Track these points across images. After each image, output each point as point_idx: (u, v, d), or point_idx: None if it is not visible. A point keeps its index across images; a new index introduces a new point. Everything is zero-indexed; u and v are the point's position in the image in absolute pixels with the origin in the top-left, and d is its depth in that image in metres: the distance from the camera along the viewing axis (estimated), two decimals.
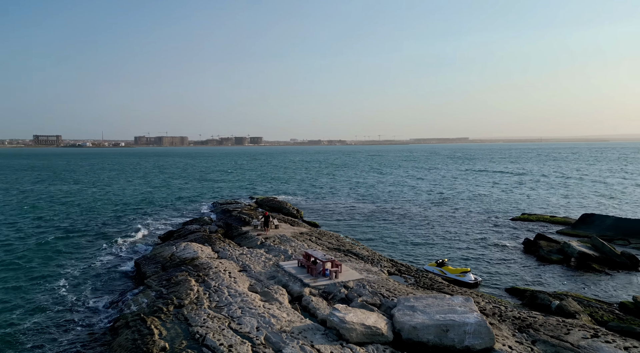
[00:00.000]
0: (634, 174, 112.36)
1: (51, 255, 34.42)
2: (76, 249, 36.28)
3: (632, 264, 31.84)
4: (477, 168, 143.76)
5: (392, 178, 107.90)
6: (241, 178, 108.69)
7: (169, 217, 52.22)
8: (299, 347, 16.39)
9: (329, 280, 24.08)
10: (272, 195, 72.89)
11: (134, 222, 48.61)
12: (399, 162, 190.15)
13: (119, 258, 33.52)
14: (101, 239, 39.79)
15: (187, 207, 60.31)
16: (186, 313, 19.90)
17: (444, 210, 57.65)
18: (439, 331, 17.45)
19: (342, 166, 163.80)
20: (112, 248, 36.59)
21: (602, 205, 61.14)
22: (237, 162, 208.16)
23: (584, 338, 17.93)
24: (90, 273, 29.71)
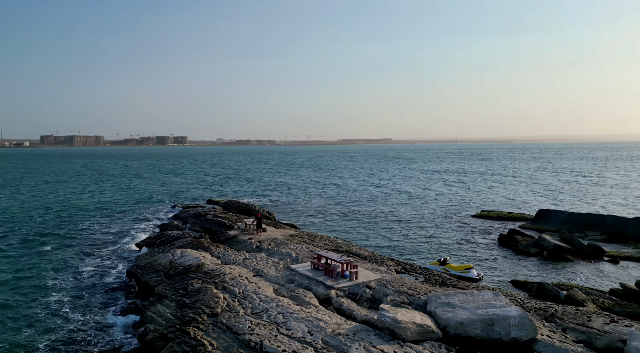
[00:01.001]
0: (559, 171, 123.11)
1: (22, 269, 31.37)
2: (48, 262, 33.31)
3: (599, 254, 35.19)
4: (420, 168, 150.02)
5: (347, 178, 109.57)
6: (190, 181, 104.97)
7: (133, 222, 49.42)
8: (363, 349, 16.49)
9: (350, 282, 24.27)
10: (230, 197, 71.29)
11: (95, 229, 45.45)
12: (343, 163, 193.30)
13: (99, 269, 31.29)
14: (67, 249, 36.81)
15: (147, 211, 57.36)
16: (225, 321, 19.19)
17: (410, 209, 59.76)
18: (485, 325, 18.30)
19: (289, 166, 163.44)
20: (86, 259, 34.06)
21: (544, 200, 66.50)
22: (179, 163, 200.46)
23: (605, 324, 19.68)
24: (80, 286, 27.52)
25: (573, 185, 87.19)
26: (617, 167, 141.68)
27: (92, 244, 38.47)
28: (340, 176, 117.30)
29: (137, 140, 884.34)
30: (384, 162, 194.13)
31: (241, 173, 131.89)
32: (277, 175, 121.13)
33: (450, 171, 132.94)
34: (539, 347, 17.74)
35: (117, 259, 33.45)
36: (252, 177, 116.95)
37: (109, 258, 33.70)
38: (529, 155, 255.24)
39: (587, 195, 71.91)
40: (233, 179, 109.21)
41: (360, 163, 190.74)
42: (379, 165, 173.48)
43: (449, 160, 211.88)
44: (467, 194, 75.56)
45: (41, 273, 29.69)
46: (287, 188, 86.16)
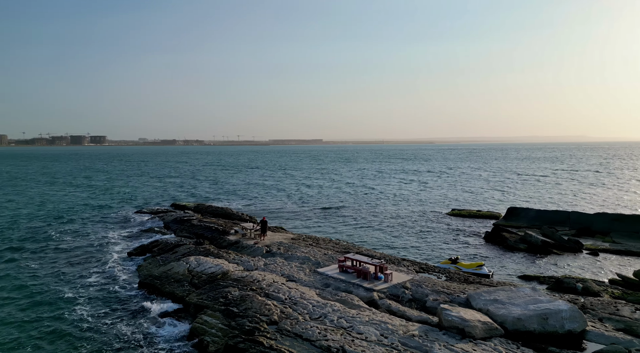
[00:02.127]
0: (498, 171, 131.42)
1: (13, 288, 28.49)
2: (37, 278, 30.46)
3: (578, 247, 38.23)
4: (369, 168, 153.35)
5: (305, 179, 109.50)
6: (137, 184, 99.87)
7: (107, 229, 46.29)
8: (445, 348, 16.90)
9: (386, 283, 24.60)
10: (193, 201, 68.96)
11: (68, 239, 42.06)
12: (295, 163, 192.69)
13: (102, 280, 29.03)
14: (50, 263, 33.77)
15: (115, 218, 53.91)
16: (289, 328, 18.80)
17: (384, 209, 61.08)
18: (540, 320, 19.40)
19: (240, 167, 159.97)
20: (80, 271, 31.47)
21: (501, 198, 70.84)
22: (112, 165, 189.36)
23: (632, 313, 21.60)
24: (95, 299, 25.50)
25: (520, 183, 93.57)
26: (542, 166, 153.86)
27: (76, 255, 35.53)
28: (297, 177, 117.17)
29: (48, 140, 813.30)
30: (331, 163, 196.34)
31: (188, 174, 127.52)
32: (229, 177, 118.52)
33: (400, 171, 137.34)
34: (591, 336, 19.15)
35: (115, 269, 31.20)
36: (205, 178, 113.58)
37: (104, 270, 31.31)
38: (460, 156, 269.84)
39: (537, 192, 77.54)
40: (185, 182, 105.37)
41: (306, 163, 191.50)
42: (326, 166, 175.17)
43: (387, 160, 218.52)
44: (430, 193, 78.56)
45: (43, 290, 27.07)
46: (251, 191, 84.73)
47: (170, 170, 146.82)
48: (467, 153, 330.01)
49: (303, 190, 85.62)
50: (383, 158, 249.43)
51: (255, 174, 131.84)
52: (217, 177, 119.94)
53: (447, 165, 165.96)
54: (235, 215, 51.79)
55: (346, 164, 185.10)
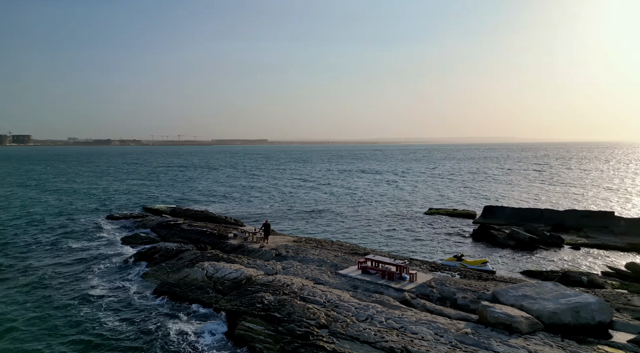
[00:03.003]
0: (456, 169, 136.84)
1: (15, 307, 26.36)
2: (35, 293, 28.38)
3: (560, 242, 40.82)
4: (329, 168, 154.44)
5: (278, 179, 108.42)
6: (86, 188, 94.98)
7: (84, 237, 43.78)
8: (502, 344, 17.61)
9: (412, 283, 25.13)
10: (164, 204, 66.71)
11: (48, 248, 39.52)
12: (253, 163, 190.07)
13: (109, 292, 27.50)
14: (45, 278, 31.58)
15: (86, 224, 50.97)
16: (342, 331, 18.84)
17: (364, 208, 61.96)
18: (573, 313, 20.62)
19: (198, 168, 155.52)
20: (79, 282, 29.70)
21: (471, 196, 73.96)
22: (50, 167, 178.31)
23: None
24: (117, 308, 24.20)
25: (478, 182, 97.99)
26: (489, 166, 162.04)
27: (64, 264, 33.38)
28: (264, 177, 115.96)
29: None
30: (288, 163, 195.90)
31: (144, 176, 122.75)
32: (192, 178, 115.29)
33: (360, 171, 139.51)
34: (618, 326, 20.60)
35: (119, 279, 29.60)
36: (165, 180, 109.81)
37: (110, 280, 29.46)
38: (409, 156, 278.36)
39: (500, 190, 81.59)
40: (145, 184, 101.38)
41: (262, 163, 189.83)
42: (284, 166, 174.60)
43: (342, 161, 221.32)
44: (402, 193, 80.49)
45: (57, 308, 25.20)
46: (222, 192, 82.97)
47: (121, 173, 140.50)
48: (415, 153, 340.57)
49: (278, 191, 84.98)
50: (337, 158, 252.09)
51: (218, 174, 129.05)
52: (177, 178, 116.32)
53: (403, 166, 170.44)
54: (219, 218, 50.62)
55: (304, 164, 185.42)
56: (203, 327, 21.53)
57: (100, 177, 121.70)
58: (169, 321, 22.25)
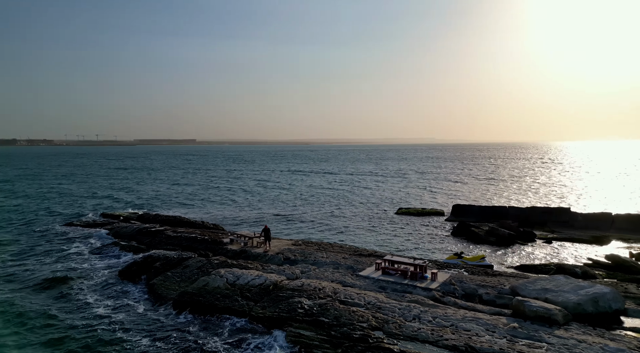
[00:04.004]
0: (406, 170, 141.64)
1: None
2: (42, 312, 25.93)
3: (532, 237, 43.90)
4: (279, 169, 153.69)
5: (233, 180, 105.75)
6: (25, 193, 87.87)
7: (51, 247, 40.62)
8: (553, 336, 18.88)
9: (435, 282, 26.03)
10: (121, 210, 63.42)
11: (15, 262, 36.25)
12: (197, 165, 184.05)
13: (125, 306, 25.91)
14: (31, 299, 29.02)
15: (47, 233, 47.30)
16: (397, 331, 19.26)
17: (338, 209, 62.62)
18: (593, 302, 22.47)
19: (141, 169, 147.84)
20: (75, 300, 27.63)
21: (429, 195, 77.15)
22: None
23: (637, 289, 26.04)
24: (141, 329, 22.75)
25: (434, 181, 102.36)
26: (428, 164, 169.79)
27: (39, 287, 30.05)
28: (219, 179, 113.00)
29: None
30: (232, 164, 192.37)
31: (84, 178, 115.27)
32: (141, 180, 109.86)
33: (310, 172, 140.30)
34: (630, 312, 22.75)
35: (117, 294, 27.71)
36: (111, 183, 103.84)
37: (112, 294, 27.38)
38: (349, 156, 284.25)
39: (454, 189, 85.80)
40: (90, 187, 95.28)
41: (203, 164, 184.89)
42: (230, 167, 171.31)
43: (286, 161, 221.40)
44: (366, 193, 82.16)
45: (69, 327, 23.19)
46: (183, 196, 79.99)
47: (48, 176, 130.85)
48: (352, 153, 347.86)
49: (240, 194, 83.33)
50: (280, 159, 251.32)
51: (169, 175, 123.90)
52: (123, 180, 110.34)
53: (351, 167, 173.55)
54: (197, 223, 49.00)
55: (250, 165, 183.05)
56: (246, 335, 20.95)
57: (32, 180, 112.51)
58: (211, 337, 21.29)
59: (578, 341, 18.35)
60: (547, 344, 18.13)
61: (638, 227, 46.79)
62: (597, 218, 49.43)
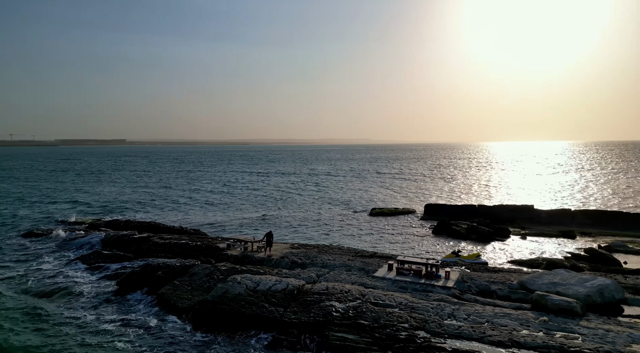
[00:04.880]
0: (361, 170, 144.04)
1: None
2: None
3: (507, 233, 46.54)
4: (233, 170, 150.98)
5: (194, 182, 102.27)
6: None
7: (28, 260, 37.74)
8: (583, 327, 20.29)
9: (449, 280, 26.99)
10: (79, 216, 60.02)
11: None
12: (141, 166, 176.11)
13: (127, 319, 24.61)
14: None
15: (12, 246, 43.85)
16: (439, 330, 19.88)
17: (313, 210, 62.72)
18: (600, 294, 24.33)
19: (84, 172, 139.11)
20: (78, 318, 25.92)
21: (393, 195, 79.27)
22: None
23: (624, 278, 28.45)
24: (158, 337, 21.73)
25: (396, 180, 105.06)
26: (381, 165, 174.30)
27: (24, 302, 27.92)
28: (172, 180, 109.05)
29: None
30: (181, 165, 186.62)
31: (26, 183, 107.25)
32: (94, 186, 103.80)
33: (273, 173, 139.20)
34: (630, 301, 24.88)
35: (122, 307, 26.29)
36: (59, 188, 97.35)
37: (121, 309, 25.79)
38: (301, 156, 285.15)
39: (419, 189, 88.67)
40: (29, 193, 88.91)
41: (148, 166, 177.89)
42: (180, 167, 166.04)
43: (240, 161, 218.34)
44: (333, 194, 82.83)
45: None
46: (140, 200, 76.57)
47: None
48: (300, 153, 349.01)
49: (208, 196, 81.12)
50: (229, 159, 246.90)
51: (118, 178, 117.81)
52: (71, 184, 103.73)
53: (306, 167, 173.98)
54: (176, 229, 47.37)
55: (201, 166, 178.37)
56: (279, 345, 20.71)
57: None
58: (247, 348, 20.80)
59: (605, 331, 19.86)
60: (580, 335, 19.47)
61: (595, 222, 51.01)
62: (559, 214, 53.29)
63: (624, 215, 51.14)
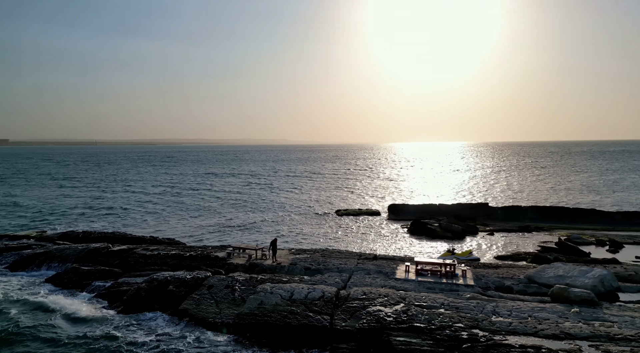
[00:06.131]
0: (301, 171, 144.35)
1: None
2: None
3: (475, 230, 49.75)
4: (172, 172, 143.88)
5: (128, 184, 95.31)
6: None
7: None
8: (612, 316, 22.53)
9: (467, 278, 28.45)
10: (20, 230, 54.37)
11: None
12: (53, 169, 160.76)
13: (155, 341, 22.89)
14: None
15: None
16: (493, 328, 21.00)
17: (277, 214, 61.92)
18: (602, 283, 27.12)
19: None
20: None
21: (344, 196, 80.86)
22: None
23: (604, 268, 31.88)
24: None
25: (341, 180, 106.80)
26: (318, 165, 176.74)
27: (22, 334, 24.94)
28: (103, 184, 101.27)
29: None
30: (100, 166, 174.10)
31: None
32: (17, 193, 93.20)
33: (213, 174, 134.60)
34: (623, 288, 28.01)
35: (141, 326, 24.42)
36: None
37: (136, 334, 23.70)
38: (218, 157, 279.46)
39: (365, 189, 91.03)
40: None
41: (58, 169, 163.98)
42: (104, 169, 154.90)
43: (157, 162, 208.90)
44: (287, 195, 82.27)
45: None
46: (85, 206, 70.49)
47: None
48: (218, 154, 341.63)
49: (151, 200, 76.49)
50: (146, 159, 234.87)
51: (41, 182, 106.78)
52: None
53: (246, 168, 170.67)
54: (147, 239, 44.41)
55: (107, 168, 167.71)
56: None
57: None
58: None
59: (631, 317, 22.27)
60: (613, 323, 21.65)
61: (543, 217, 56.14)
62: (513, 211, 57.96)
63: (567, 210, 56.92)
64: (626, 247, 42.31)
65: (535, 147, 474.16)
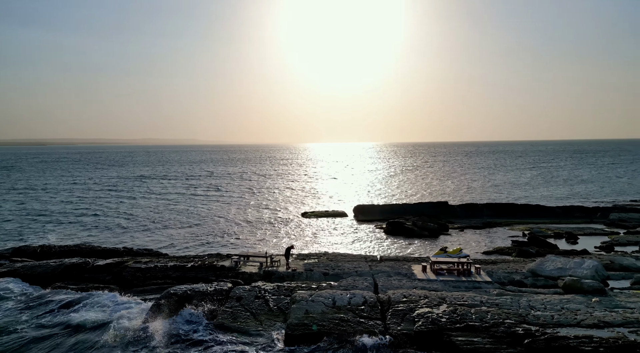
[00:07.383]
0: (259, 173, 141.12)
1: None
2: None
3: (447, 228, 52.41)
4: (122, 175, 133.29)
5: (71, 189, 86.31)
6: None
7: None
8: (625, 302, 25.12)
9: (483, 275, 30.08)
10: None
11: None
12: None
13: None
14: None
15: None
16: (539, 321, 22.52)
17: (246, 218, 60.26)
18: (596, 273, 30.07)
19: None
20: None
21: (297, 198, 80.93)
22: None
23: (584, 260, 35.37)
24: None
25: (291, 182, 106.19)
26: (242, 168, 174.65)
27: None
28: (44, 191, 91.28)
29: None
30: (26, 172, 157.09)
31: None
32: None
33: (148, 177, 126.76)
34: (612, 276, 31.32)
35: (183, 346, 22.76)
36: None
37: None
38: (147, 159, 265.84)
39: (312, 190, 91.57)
40: None
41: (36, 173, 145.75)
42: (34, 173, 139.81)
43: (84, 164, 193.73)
44: (241, 198, 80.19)
45: None
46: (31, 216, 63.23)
47: None
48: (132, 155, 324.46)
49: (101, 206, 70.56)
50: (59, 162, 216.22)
51: None
52: None
53: (178, 169, 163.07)
54: (121, 251, 40.89)
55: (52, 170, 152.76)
56: None
57: None
58: None
59: None
60: (632, 309, 24.20)
61: (498, 213, 60.51)
62: (471, 208, 61.82)
63: (518, 206, 61.97)
64: (581, 238, 47.09)
65: (448, 147, 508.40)
